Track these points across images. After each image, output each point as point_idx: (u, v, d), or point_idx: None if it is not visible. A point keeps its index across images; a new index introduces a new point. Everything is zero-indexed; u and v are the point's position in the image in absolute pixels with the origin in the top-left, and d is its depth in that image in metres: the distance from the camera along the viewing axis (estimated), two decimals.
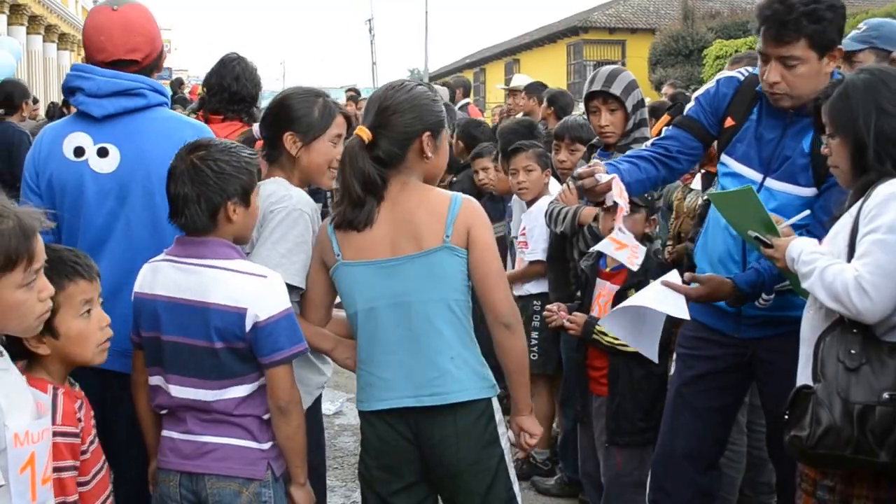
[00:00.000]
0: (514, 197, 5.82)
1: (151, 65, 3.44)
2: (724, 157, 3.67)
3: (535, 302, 5.39)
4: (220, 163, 2.87)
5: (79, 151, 3.29)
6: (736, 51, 17.70)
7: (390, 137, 2.96)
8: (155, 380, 2.98)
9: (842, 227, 2.85)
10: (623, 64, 31.21)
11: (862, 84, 2.86)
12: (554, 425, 5.57)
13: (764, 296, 3.48)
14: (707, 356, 3.70)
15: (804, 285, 2.86)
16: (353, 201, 2.97)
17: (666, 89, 10.14)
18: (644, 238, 4.22)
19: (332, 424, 6.40)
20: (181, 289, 2.88)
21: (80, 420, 2.62)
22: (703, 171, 5.10)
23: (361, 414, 3.12)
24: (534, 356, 5.35)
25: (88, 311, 2.66)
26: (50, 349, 2.58)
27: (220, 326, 2.83)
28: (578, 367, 4.35)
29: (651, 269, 4.09)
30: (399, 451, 3.03)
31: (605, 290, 4.22)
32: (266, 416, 2.93)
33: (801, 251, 2.89)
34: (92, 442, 2.69)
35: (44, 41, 30.41)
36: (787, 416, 2.77)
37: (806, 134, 3.45)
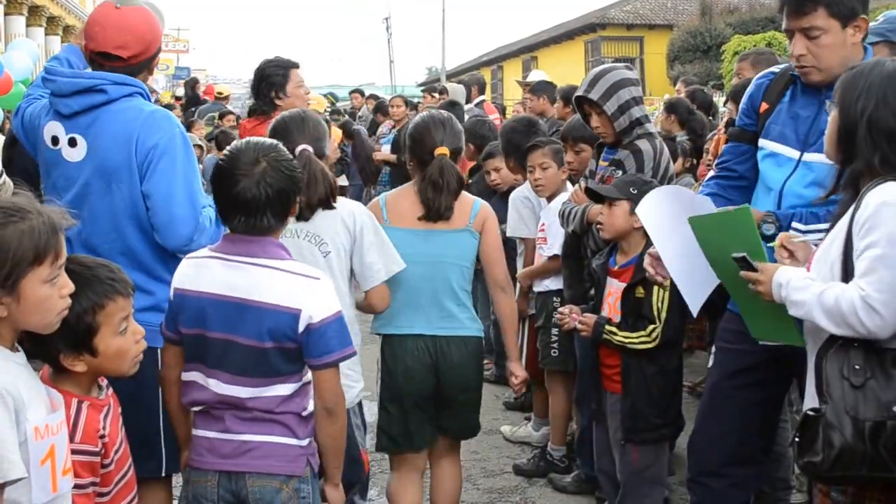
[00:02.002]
0: (511, 196, 5.85)
1: (139, 66, 3.59)
2: (760, 142, 3.68)
3: (554, 298, 5.38)
4: (289, 161, 2.95)
5: (55, 141, 3.52)
6: (754, 45, 17.55)
7: (457, 154, 4.08)
8: (192, 375, 2.99)
9: (835, 237, 2.80)
10: (641, 61, 31.16)
11: (881, 72, 2.79)
12: (571, 423, 5.56)
13: (798, 228, 3.37)
14: (746, 350, 3.66)
15: (794, 313, 2.79)
16: (453, 198, 3.98)
17: (679, 86, 10.08)
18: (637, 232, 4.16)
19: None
20: (231, 287, 2.89)
21: (102, 436, 2.62)
22: None
23: (385, 337, 4.04)
24: (554, 353, 5.36)
25: (125, 328, 2.67)
26: (86, 368, 2.59)
27: (272, 327, 2.85)
28: (592, 364, 4.34)
29: None
30: (416, 369, 3.97)
31: (613, 287, 4.21)
32: (305, 413, 2.95)
33: (789, 278, 2.80)
34: (117, 450, 2.69)
35: (62, 42, 30.53)
36: (797, 440, 2.72)
37: None
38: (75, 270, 2.54)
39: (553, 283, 5.41)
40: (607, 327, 4.08)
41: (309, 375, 2.97)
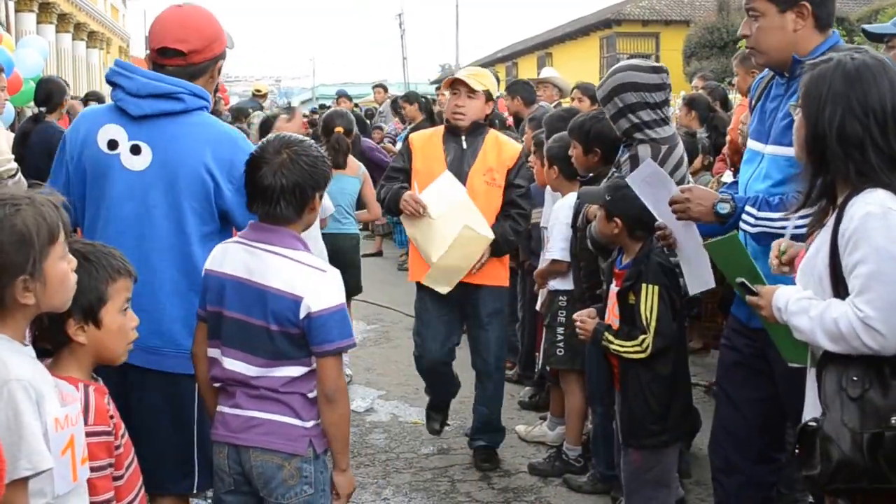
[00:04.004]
0: (547, 187, 5.83)
1: (200, 66, 3.44)
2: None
3: (560, 298, 5.38)
4: (312, 158, 3.08)
5: (112, 144, 3.35)
6: None
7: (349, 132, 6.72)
8: (213, 352, 3.16)
9: (819, 248, 2.74)
10: (657, 57, 31.02)
11: (842, 75, 2.71)
12: (587, 423, 5.51)
13: (751, 213, 3.40)
14: (735, 346, 3.72)
15: (798, 336, 2.75)
16: (343, 155, 6.93)
17: (696, 82, 10.01)
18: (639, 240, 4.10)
19: (364, 422, 6.37)
20: (248, 270, 3.07)
21: (111, 416, 2.67)
22: (733, 168, 5.03)
23: None
24: (559, 352, 5.35)
25: (126, 310, 2.72)
26: (87, 340, 2.62)
27: (276, 310, 3.01)
28: (599, 362, 4.32)
29: (648, 272, 3.96)
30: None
31: (612, 291, 4.15)
32: (311, 395, 3.08)
33: (787, 300, 2.77)
34: (123, 434, 2.73)
35: (73, 39, 30.64)
36: (797, 452, 2.69)
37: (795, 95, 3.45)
38: (87, 250, 2.64)
39: (559, 284, 5.40)
40: (606, 334, 4.02)
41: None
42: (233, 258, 3.11)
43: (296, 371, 3.06)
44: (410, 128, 13.11)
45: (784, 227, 3.24)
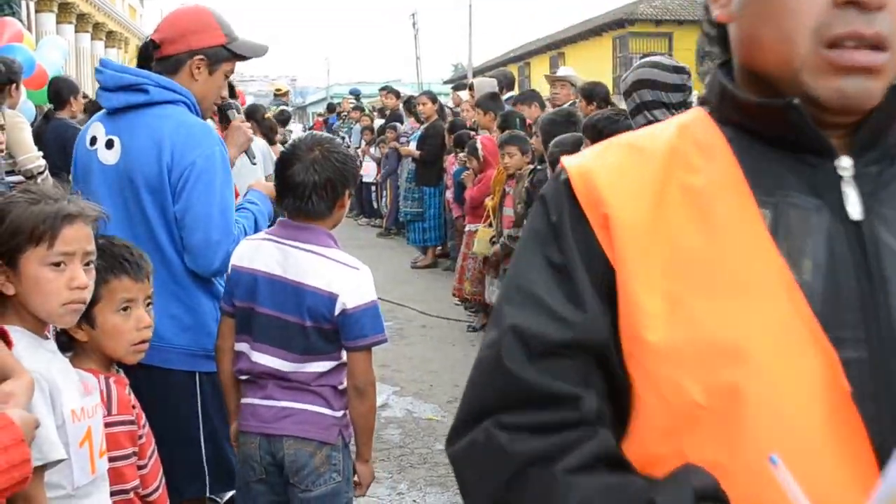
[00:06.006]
0: None
1: (172, 57, 3.43)
2: None
3: None
4: (343, 155, 3.19)
5: (93, 141, 3.42)
6: None
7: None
8: (241, 346, 3.22)
9: None
10: (669, 57, 30.94)
11: None
12: None
13: None
14: None
15: None
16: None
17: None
18: None
19: (378, 417, 6.34)
20: (282, 267, 3.15)
21: (133, 406, 2.72)
22: None
23: None
24: None
25: (125, 309, 2.70)
26: (87, 338, 2.66)
27: (311, 307, 3.09)
28: None
29: None
30: None
31: None
32: (341, 387, 3.19)
33: None
34: (144, 425, 2.77)
35: (92, 39, 30.80)
36: None
37: None
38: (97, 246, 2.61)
39: None
40: None
41: (345, 356, 3.19)
42: (265, 255, 3.17)
43: (325, 366, 3.14)
44: (426, 126, 13.12)
45: None
